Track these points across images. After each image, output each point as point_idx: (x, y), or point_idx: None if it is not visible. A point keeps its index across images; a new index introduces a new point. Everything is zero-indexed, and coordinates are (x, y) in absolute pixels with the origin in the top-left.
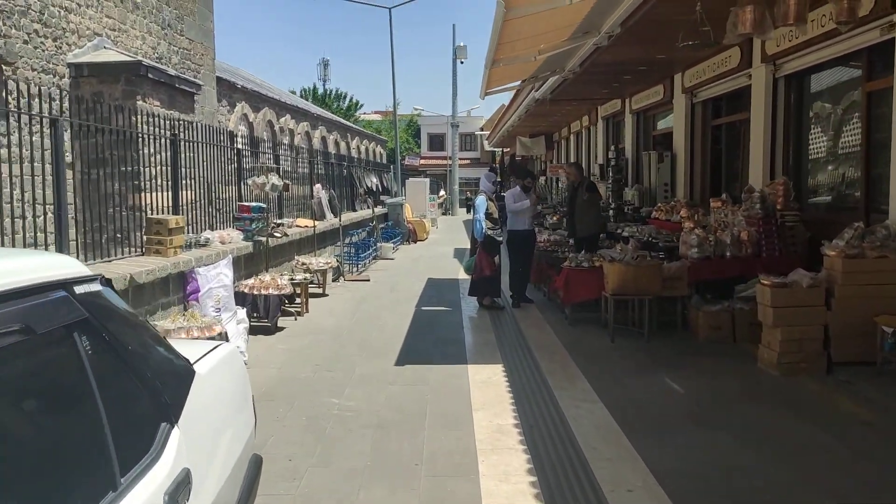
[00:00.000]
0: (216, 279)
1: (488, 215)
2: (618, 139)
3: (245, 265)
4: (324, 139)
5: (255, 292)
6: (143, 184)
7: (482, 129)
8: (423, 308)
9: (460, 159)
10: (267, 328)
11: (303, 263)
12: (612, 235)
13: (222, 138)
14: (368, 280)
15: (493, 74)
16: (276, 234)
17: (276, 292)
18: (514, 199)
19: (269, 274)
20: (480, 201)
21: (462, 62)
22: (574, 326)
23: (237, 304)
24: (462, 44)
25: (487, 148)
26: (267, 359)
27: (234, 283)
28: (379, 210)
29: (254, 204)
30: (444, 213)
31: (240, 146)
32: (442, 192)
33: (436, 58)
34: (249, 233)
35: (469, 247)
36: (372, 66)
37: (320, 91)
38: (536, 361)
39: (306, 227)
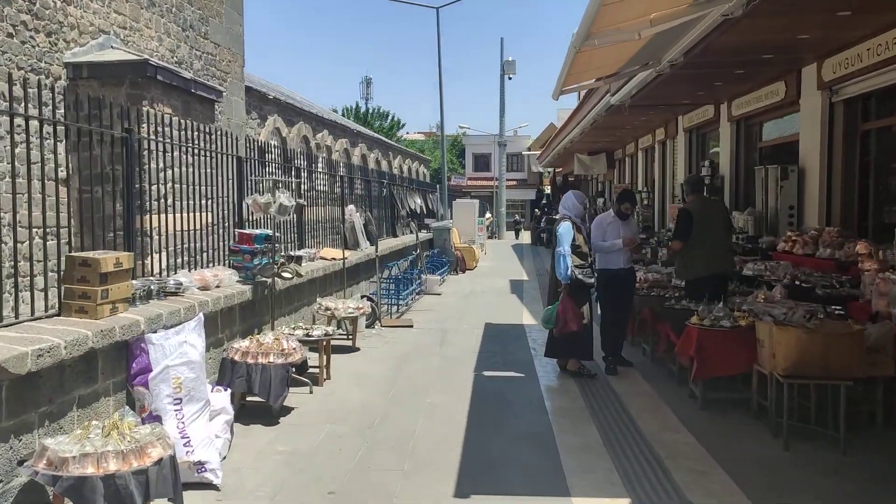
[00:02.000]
0: (177, 352)
1: (575, 249)
2: (704, 154)
3: (241, 317)
4: (364, 157)
5: (251, 360)
6: (149, 203)
7: (529, 149)
8: (486, 374)
9: (507, 180)
10: (267, 412)
11: (326, 308)
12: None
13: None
14: (411, 326)
15: (578, 62)
16: (285, 274)
17: (280, 360)
18: (604, 232)
19: (273, 331)
20: (565, 229)
21: (510, 77)
22: (708, 411)
23: (223, 380)
24: (510, 58)
25: (535, 169)
26: (253, 479)
27: (223, 348)
28: (423, 235)
29: (257, 232)
30: (490, 237)
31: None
32: (488, 215)
33: (481, 76)
34: (248, 271)
35: (548, 291)
36: (415, 86)
37: (362, 110)
38: (678, 488)
39: (333, 259)
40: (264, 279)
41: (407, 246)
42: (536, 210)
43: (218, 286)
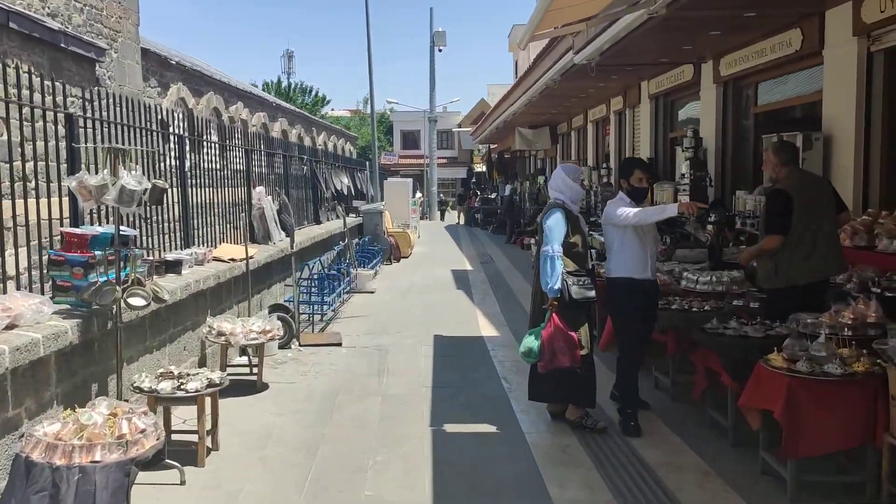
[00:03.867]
0: None
1: (570, 249)
2: (673, 124)
3: (60, 375)
4: (285, 133)
5: (61, 461)
6: None
7: (460, 126)
8: (447, 429)
9: (438, 158)
10: None
11: (219, 333)
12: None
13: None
14: (339, 344)
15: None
16: (134, 301)
17: (115, 456)
18: (619, 216)
19: (107, 401)
20: (555, 221)
21: (441, 50)
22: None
23: (9, 497)
24: (440, 29)
25: (466, 147)
26: None
27: (17, 435)
28: (352, 220)
29: (98, 231)
30: (421, 218)
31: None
32: (419, 195)
33: (410, 50)
34: (79, 292)
35: (531, 308)
36: (341, 61)
37: (284, 84)
38: None
39: (232, 261)
40: (103, 305)
41: (333, 234)
42: (473, 188)
43: (11, 326)
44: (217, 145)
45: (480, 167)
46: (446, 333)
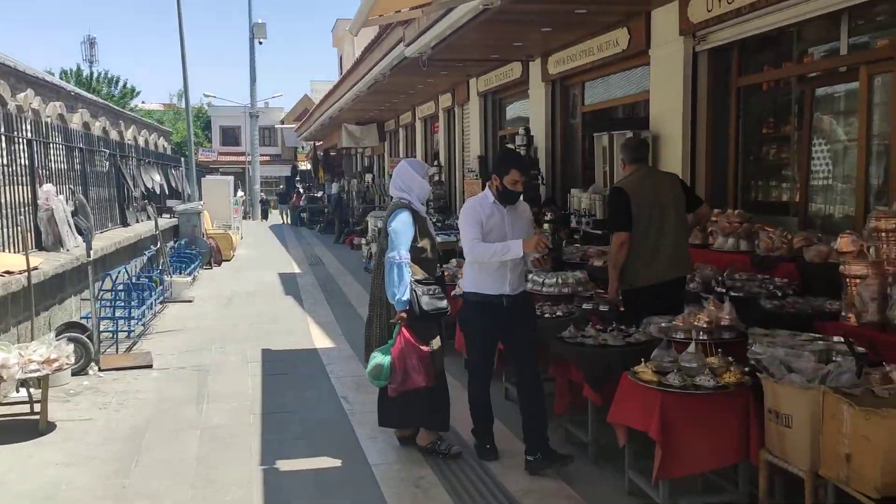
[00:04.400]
0: None
1: (418, 255)
2: (502, 122)
3: None
4: (87, 125)
5: None
6: None
7: (283, 122)
8: (281, 467)
9: (260, 155)
10: None
11: None
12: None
13: None
14: (150, 366)
15: None
16: None
17: None
18: (480, 227)
19: None
20: (401, 223)
21: (261, 42)
22: None
23: None
24: (260, 20)
25: (290, 144)
26: None
27: None
28: (166, 221)
29: None
30: (244, 218)
31: None
32: (241, 193)
33: (228, 41)
34: None
35: (373, 324)
36: (152, 51)
37: (85, 73)
38: None
39: (6, 274)
40: None
41: (143, 238)
42: (298, 188)
43: None
44: None
45: (305, 165)
46: (276, 347)
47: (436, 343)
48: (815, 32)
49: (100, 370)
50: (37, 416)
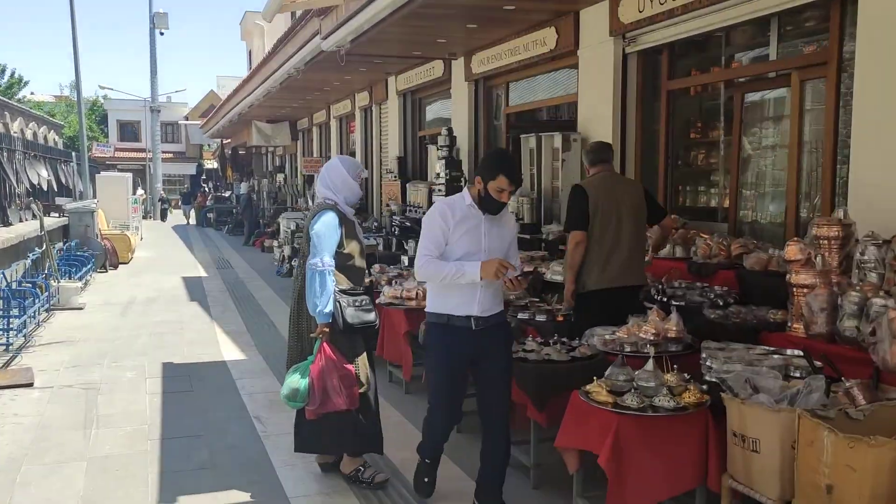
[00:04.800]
0: None
1: (344, 262)
2: (422, 123)
3: None
4: None
5: None
6: None
7: (187, 118)
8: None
9: (163, 152)
10: None
11: None
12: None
13: None
14: (31, 384)
15: None
16: None
17: None
18: (446, 237)
19: None
20: (326, 226)
21: (162, 33)
22: None
23: None
24: (161, 10)
25: (195, 141)
26: None
27: None
28: (54, 220)
29: None
30: (144, 218)
31: None
32: (140, 191)
33: (127, 31)
34: None
35: (293, 339)
36: (43, 38)
37: None
38: None
39: None
40: None
41: (26, 239)
42: (204, 187)
43: None
44: None
45: (211, 163)
46: (179, 360)
47: (361, 361)
48: (746, 37)
49: None
50: None
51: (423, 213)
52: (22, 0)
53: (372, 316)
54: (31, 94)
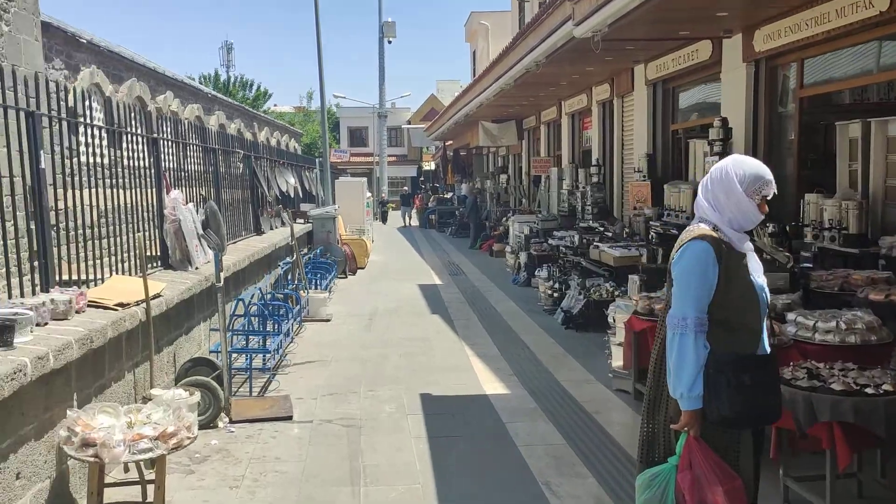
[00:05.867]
0: None
1: (720, 315)
2: (675, 115)
3: None
4: (223, 127)
5: None
6: None
7: (409, 122)
8: None
9: (388, 156)
10: None
11: (84, 444)
12: None
13: None
14: (290, 417)
15: None
16: None
17: None
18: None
19: None
20: (692, 265)
21: (390, 41)
22: None
23: None
24: (390, 19)
25: (415, 144)
26: None
27: None
28: (300, 227)
29: None
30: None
31: None
32: (369, 195)
33: (356, 41)
34: None
35: (644, 408)
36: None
37: (223, 78)
38: None
39: (122, 307)
40: None
41: (278, 248)
42: (425, 187)
43: None
44: (104, 130)
45: (431, 165)
46: (437, 391)
47: (745, 465)
48: None
49: (231, 421)
50: (151, 500)
51: (687, 219)
52: (265, 22)
53: (771, 400)
54: (274, 105)
